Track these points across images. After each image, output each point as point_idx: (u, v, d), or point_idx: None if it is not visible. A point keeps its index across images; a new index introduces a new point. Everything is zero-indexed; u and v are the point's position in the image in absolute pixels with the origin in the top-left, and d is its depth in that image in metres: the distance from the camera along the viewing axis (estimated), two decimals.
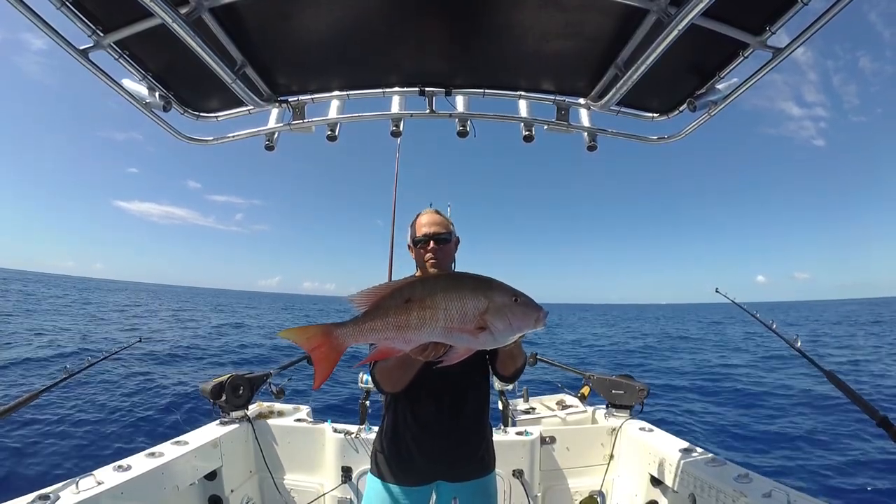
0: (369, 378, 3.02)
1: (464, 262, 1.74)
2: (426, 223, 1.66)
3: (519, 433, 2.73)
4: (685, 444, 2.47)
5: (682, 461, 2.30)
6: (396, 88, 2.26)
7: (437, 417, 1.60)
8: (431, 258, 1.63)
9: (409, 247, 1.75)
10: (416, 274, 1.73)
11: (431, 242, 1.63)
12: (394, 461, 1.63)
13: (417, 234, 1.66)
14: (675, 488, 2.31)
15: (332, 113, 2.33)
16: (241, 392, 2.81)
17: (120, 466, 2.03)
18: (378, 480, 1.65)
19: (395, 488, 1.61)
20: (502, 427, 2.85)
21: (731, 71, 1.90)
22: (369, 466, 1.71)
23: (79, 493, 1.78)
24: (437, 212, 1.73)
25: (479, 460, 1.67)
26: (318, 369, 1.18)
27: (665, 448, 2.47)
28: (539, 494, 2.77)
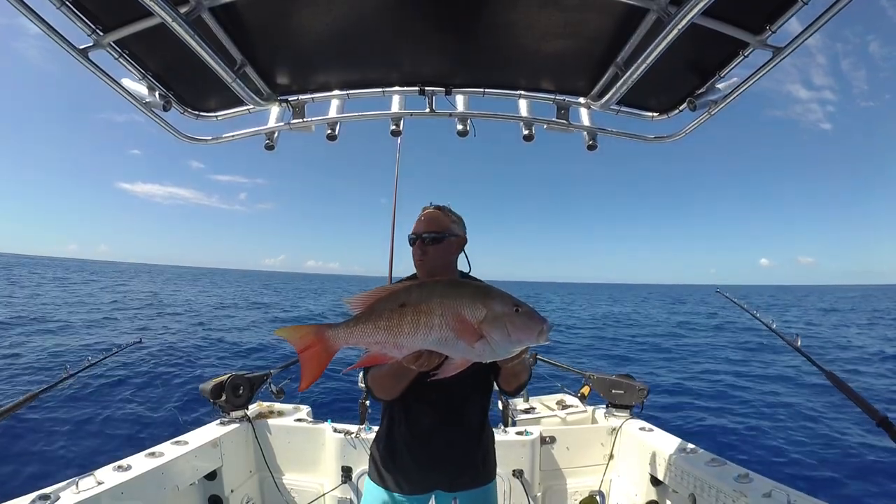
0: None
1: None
2: (420, 221, 1.59)
3: (519, 433, 2.73)
4: (685, 444, 2.47)
5: (682, 461, 2.30)
6: (396, 88, 2.26)
7: (432, 426, 1.55)
8: (419, 257, 1.55)
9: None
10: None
11: (418, 241, 1.55)
12: (390, 469, 1.59)
13: (410, 233, 1.59)
14: (675, 488, 2.31)
15: (332, 112, 2.33)
16: (240, 392, 2.81)
17: (120, 466, 2.03)
18: (375, 485, 1.62)
19: (391, 495, 1.57)
20: (502, 427, 2.85)
21: (731, 70, 1.89)
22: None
23: (79, 493, 1.78)
24: (439, 208, 1.63)
25: (477, 470, 1.62)
26: (306, 370, 1.15)
27: (665, 448, 2.47)
28: (539, 494, 2.77)
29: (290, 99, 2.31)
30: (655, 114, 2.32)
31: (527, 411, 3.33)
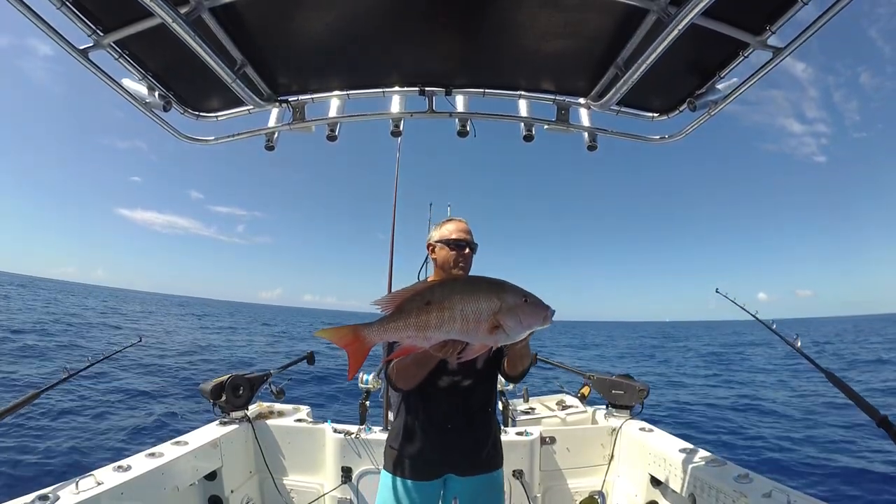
0: (369, 378, 3.03)
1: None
2: (462, 229, 1.77)
3: (519, 433, 2.73)
4: (685, 445, 2.47)
5: (683, 461, 2.30)
6: (396, 88, 2.26)
7: (447, 414, 1.68)
8: (463, 262, 1.73)
9: (429, 245, 1.82)
10: (432, 275, 1.84)
11: (468, 248, 1.74)
12: (405, 457, 1.70)
13: (451, 237, 1.75)
14: (675, 488, 2.31)
15: (332, 113, 2.32)
16: (240, 392, 2.81)
17: (120, 467, 2.03)
18: (390, 475, 1.71)
19: (406, 483, 1.68)
20: (502, 427, 2.85)
21: (731, 71, 1.90)
22: (370, 466, 1.75)
23: (79, 493, 1.78)
24: (465, 221, 1.82)
25: (487, 455, 1.73)
26: (351, 363, 1.30)
27: (665, 448, 2.47)
28: (539, 495, 2.77)
29: (290, 99, 2.30)
30: (655, 114, 2.32)
31: (527, 412, 3.33)
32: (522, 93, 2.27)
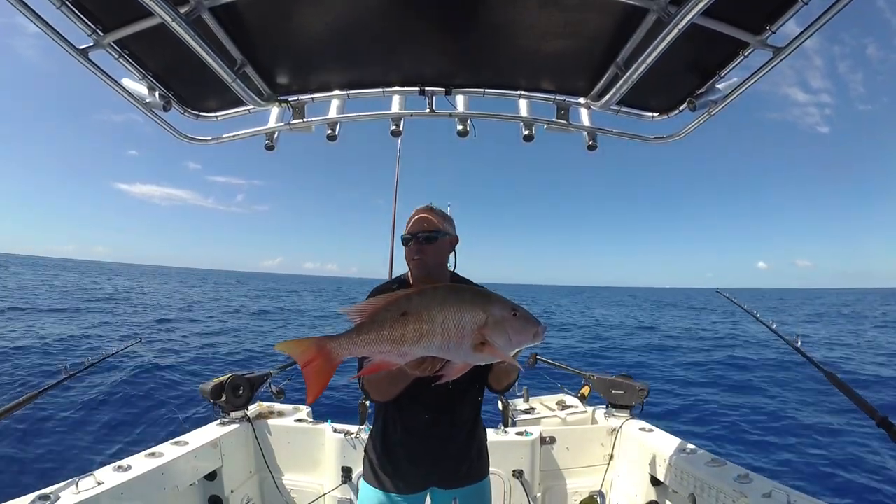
0: None
1: (467, 257, 1.65)
2: (413, 221, 1.59)
3: (519, 433, 2.73)
4: (685, 444, 2.47)
5: (682, 461, 2.30)
6: (396, 88, 2.26)
7: (426, 425, 1.57)
8: (415, 256, 1.55)
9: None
10: (408, 273, 1.69)
11: (413, 241, 1.55)
12: (385, 468, 1.60)
13: (404, 233, 1.59)
14: (675, 488, 2.31)
15: (332, 112, 2.33)
16: (240, 392, 2.81)
17: (120, 467, 2.03)
18: (370, 488, 1.62)
19: (388, 496, 1.58)
20: (502, 427, 2.85)
21: (731, 70, 1.90)
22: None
23: (79, 493, 1.78)
24: (431, 208, 1.63)
25: (471, 466, 1.64)
26: (311, 383, 1.14)
27: (665, 448, 2.47)
28: (539, 495, 2.77)
29: (290, 99, 2.31)
30: (655, 114, 2.32)
31: (527, 412, 3.33)
32: (522, 93, 2.27)
